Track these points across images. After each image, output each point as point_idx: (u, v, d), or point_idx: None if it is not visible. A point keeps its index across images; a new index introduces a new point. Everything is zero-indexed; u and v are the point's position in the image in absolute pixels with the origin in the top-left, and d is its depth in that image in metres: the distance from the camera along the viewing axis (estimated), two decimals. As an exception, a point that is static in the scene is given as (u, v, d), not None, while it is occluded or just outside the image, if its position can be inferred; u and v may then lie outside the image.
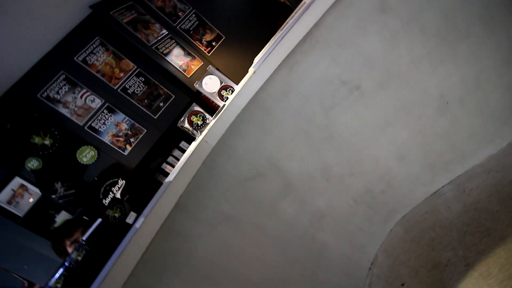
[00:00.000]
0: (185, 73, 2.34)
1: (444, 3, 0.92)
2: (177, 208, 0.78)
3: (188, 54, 2.41)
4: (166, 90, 2.30)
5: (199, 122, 0.94)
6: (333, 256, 1.08)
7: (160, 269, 0.73)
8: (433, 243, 1.02)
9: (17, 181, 1.87)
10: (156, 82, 2.28)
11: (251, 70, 0.92)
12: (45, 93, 1.96)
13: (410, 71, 0.98)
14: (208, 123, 0.97)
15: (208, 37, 2.57)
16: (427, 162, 1.14)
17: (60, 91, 2.00)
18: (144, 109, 2.23)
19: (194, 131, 0.95)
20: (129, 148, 2.15)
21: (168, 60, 2.30)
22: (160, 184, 1.57)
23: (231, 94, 1.03)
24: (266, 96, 0.95)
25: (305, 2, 0.85)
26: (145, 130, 2.22)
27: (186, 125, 0.95)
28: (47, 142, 1.91)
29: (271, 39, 1.20)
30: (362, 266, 1.13)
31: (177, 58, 2.34)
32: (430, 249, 1.02)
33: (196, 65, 2.43)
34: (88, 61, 2.10)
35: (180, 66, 2.34)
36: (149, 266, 0.71)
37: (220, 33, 2.64)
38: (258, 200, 0.98)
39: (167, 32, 2.36)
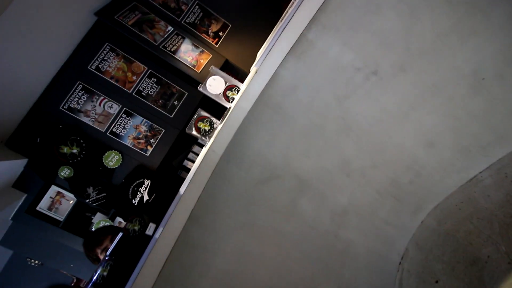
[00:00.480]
0: (195, 69, 2.31)
1: None
2: (191, 220, 0.77)
3: (196, 48, 2.36)
4: (178, 88, 2.29)
5: (207, 128, 0.91)
6: (359, 253, 1.03)
7: (179, 283, 0.74)
8: (471, 237, 0.93)
9: (54, 189, 2.01)
10: (168, 81, 2.27)
11: (253, 69, 0.86)
12: (67, 105, 2.05)
13: (436, 47, 0.86)
14: (216, 128, 0.94)
15: (214, 27, 2.49)
16: (461, 147, 1.02)
17: (79, 101, 2.07)
18: (160, 110, 2.25)
19: (203, 138, 0.92)
20: (150, 149, 2.21)
21: (177, 57, 2.27)
22: (183, 180, 1.60)
23: (237, 93, 0.98)
24: (273, 93, 0.89)
25: None
26: (164, 130, 2.25)
27: (194, 132, 0.93)
28: (74, 151, 2.01)
29: (273, 30, 1.11)
30: (391, 261, 1.07)
31: (186, 54, 2.30)
32: (467, 243, 0.93)
33: (205, 58, 2.38)
34: (102, 69, 2.14)
35: (190, 62, 2.30)
36: (169, 282, 0.72)
37: (226, 21, 2.54)
38: (274, 202, 0.95)
39: (172, 29, 2.32)
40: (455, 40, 0.85)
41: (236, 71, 2.57)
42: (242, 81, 2.63)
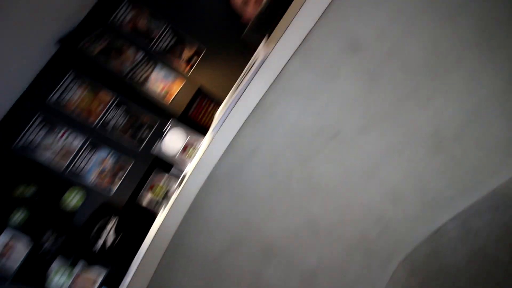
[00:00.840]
0: (166, 98, 2.22)
1: (427, 33, 0.78)
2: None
3: (168, 76, 2.29)
4: (149, 117, 2.20)
5: (161, 194, 0.84)
6: (329, 315, 0.99)
7: None
8: (438, 297, 0.91)
9: (5, 234, 1.83)
10: (138, 111, 2.18)
11: (209, 136, 0.81)
12: (24, 139, 1.89)
13: (396, 110, 0.85)
14: (171, 195, 0.87)
15: (187, 52, 2.43)
16: (426, 200, 1.02)
17: (38, 135, 1.92)
18: (129, 141, 2.14)
19: (158, 205, 0.85)
20: (117, 183, 2.08)
21: (147, 86, 2.18)
22: (154, 216, 1.49)
23: (198, 151, 0.92)
24: (232, 159, 0.84)
25: (257, 58, 0.73)
26: (133, 162, 2.13)
27: (147, 199, 0.85)
28: (31, 190, 1.84)
29: (230, 94, 1.07)
30: (362, 319, 1.04)
31: (156, 83, 2.22)
32: (435, 304, 0.91)
33: (177, 86, 2.31)
34: (64, 99, 2.01)
35: (161, 91, 2.22)
36: None
37: (200, 45, 2.48)
38: (237, 274, 0.89)
39: (143, 55, 2.24)
40: (414, 104, 0.84)
41: (211, 98, 2.52)
42: (218, 106, 2.55)
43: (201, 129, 1.90)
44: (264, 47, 0.78)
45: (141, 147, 2.16)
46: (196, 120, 2.41)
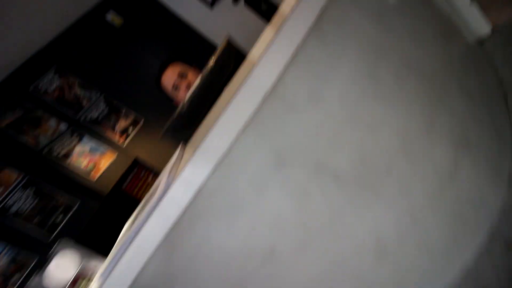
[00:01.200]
0: (91, 174, 1.92)
1: (353, 146, 0.75)
2: None
3: (96, 148, 2.02)
4: (66, 199, 1.83)
5: None
6: None
7: None
8: None
9: None
10: (52, 192, 1.80)
11: (96, 279, 0.59)
12: None
13: (334, 222, 0.76)
14: None
15: (122, 123, 2.23)
16: (379, 312, 0.89)
17: None
18: (35, 230, 1.70)
19: None
20: (10, 291, 1.57)
21: (68, 161, 1.87)
22: None
23: (94, 285, 0.68)
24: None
25: (158, 185, 0.59)
26: (37, 258, 1.67)
27: None
28: None
29: (126, 227, 0.90)
30: None
31: (81, 157, 1.93)
32: None
33: (108, 159, 2.04)
34: None
35: (85, 167, 1.92)
36: None
37: (138, 115, 2.32)
38: None
39: (66, 127, 1.96)
40: (351, 215, 0.77)
41: (150, 168, 2.27)
42: (157, 176, 2.29)
43: (125, 215, 1.61)
44: (174, 165, 0.65)
45: (52, 237, 1.74)
46: (131, 194, 2.10)
